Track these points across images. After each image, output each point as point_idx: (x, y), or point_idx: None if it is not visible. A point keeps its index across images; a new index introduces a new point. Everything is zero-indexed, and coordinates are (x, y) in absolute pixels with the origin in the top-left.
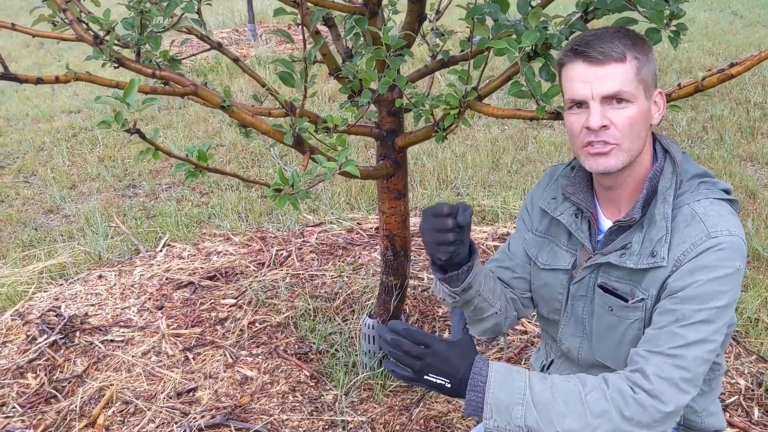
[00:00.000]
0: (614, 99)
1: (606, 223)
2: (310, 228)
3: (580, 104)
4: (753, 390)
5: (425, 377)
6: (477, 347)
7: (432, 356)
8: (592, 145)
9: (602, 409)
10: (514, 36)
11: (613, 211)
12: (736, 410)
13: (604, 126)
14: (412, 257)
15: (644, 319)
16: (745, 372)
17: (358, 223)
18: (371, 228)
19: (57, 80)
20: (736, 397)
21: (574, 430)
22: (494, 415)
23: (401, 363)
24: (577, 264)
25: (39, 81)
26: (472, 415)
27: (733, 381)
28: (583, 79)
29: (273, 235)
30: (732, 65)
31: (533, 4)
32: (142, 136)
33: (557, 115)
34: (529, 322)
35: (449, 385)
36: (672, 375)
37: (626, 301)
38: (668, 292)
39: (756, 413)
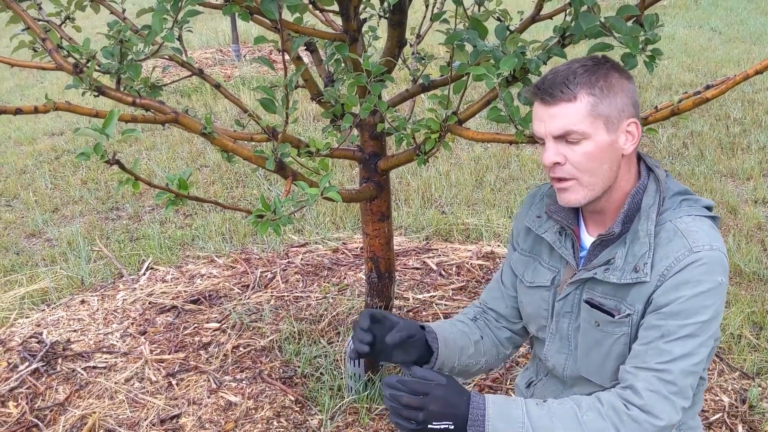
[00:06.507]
0: (565, 137)
1: (588, 240)
2: (295, 248)
3: (542, 141)
4: (737, 407)
5: (430, 426)
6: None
7: (433, 403)
8: (556, 180)
9: (599, 428)
10: (492, 61)
11: (598, 226)
12: (720, 427)
13: (557, 163)
14: (396, 278)
15: (630, 334)
16: (729, 389)
17: (343, 243)
18: (357, 248)
19: (36, 111)
20: (720, 414)
21: None
22: None
23: (403, 416)
24: (559, 281)
25: (18, 112)
26: None
27: (717, 398)
28: (539, 117)
29: (257, 257)
30: (708, 87)
31: (511, 29)
32: (122, 167)
33: (535, 140)
34: None
35: (453, 427)
36: (661, 389)
37: (612, 316)
38: (653, 308)
39: (740, 430)
